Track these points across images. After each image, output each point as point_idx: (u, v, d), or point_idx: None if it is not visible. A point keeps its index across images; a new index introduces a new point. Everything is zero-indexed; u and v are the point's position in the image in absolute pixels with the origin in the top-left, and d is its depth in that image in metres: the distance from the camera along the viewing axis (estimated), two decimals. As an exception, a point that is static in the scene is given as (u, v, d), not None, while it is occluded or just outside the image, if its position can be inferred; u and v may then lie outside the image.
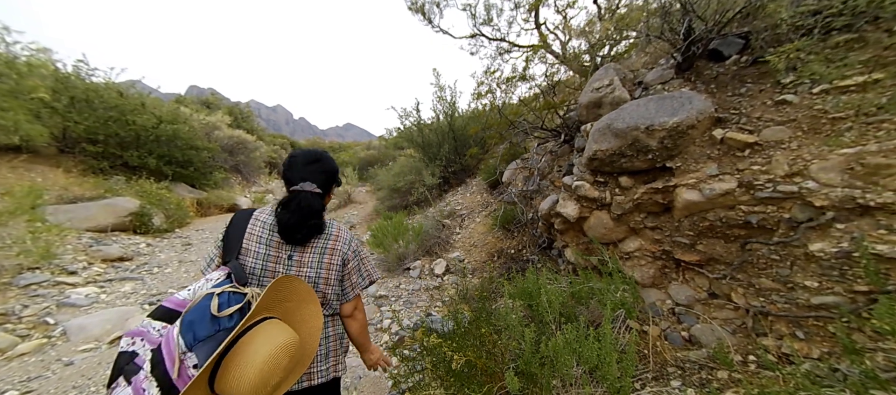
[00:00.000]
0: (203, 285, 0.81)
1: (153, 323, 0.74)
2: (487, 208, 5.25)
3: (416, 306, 3.08)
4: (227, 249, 0.92)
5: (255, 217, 0.97)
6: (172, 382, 0.64)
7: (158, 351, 0.68)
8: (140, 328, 0.74)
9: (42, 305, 2.92)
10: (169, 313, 0.76)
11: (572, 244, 2.71)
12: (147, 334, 0.73)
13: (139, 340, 0.73)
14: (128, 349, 0.72)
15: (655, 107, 1.71)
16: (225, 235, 0.95)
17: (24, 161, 5.59)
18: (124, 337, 0.74)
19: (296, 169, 0.98)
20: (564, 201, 2.45)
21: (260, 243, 0.92)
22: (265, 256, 0.92)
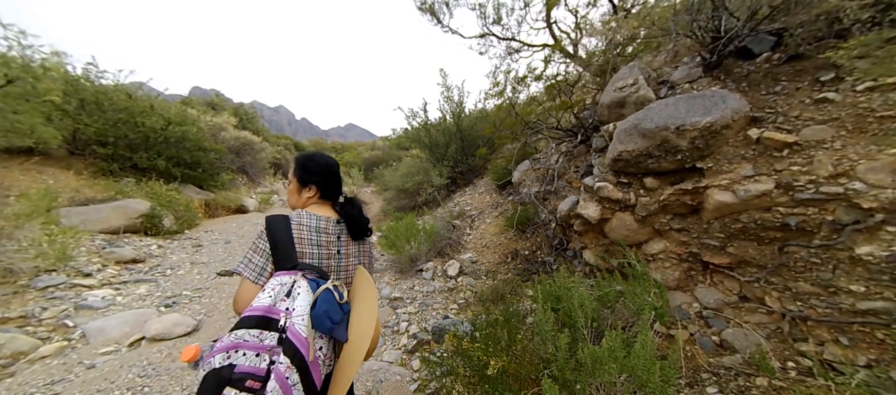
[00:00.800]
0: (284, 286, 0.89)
1: (250, 331, 0.80)
2: (498, 209, 5.22)
3: (432, 308, 3.06)
4: (283, 256, 0.96)
5: (297, 223, 1.01)
6: (308, 365, 0.80)
7: (289, 344, 0.79)
8: (231, 342, 0.79)
9: (60, 307, 2.93)
10: (263, 319, 0.82)
11: (591, 246, 2.68)
12: (243, 343, 0.79)
13: (233, 352, 0.78)
14: (224, 364, 0.76)
15: (686, 106, 1.67)
16: (272, 244, 0.97)
17: (35, 163, 5.63)
18: (216, 354, 0.78)
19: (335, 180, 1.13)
20: (585, 202, 2.42)
21: (311, 244, 1.01)
22: (318, 254, 1.02)
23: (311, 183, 1.10)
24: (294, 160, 1.15)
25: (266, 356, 0.78)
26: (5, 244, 3.27)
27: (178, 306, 3.23)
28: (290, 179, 1.16)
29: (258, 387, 0.75)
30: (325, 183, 1.10)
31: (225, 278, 4.03)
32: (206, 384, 0.75)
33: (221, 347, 0.78)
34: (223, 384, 0.73)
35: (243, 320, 0.82)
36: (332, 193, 1.13)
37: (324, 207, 1.11)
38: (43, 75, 4.71)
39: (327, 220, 1.06)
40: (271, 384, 0.75)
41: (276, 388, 0.75)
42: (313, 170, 1.10)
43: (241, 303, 0.92)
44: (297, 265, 0.95)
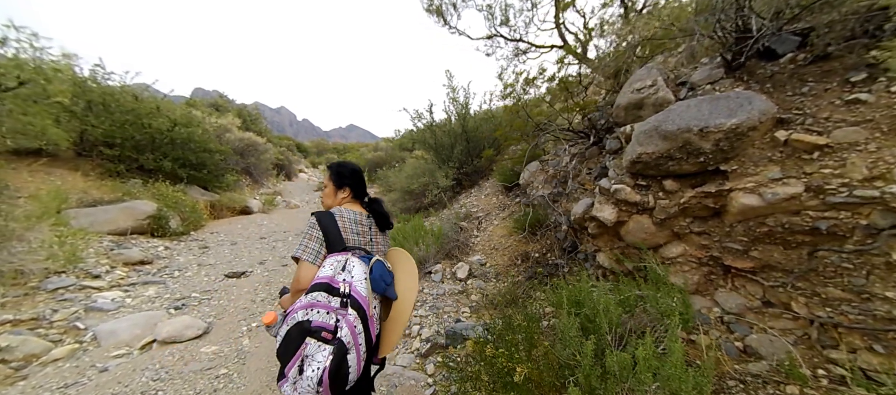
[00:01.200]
0: (339, 263, 1.12)
1: (318, 294, 1.02)
2: (505, 211, 5.20)
3: (443, 311, 3.04)
4: (334, 241, 1.20)
5: (340, 216, 1.25)
6: (368, 318, 1.03)
7: (354, 300, 1.02)
8: (309, 302, 1.02)
9: (71, 309, 2.92)
10: (328, 286, 1.04)
11: (606, 249, 2.65)
12: (317, 303, 1.01)
13: (310, 310, 1.00)
14: (304, 319, 0.98)
15: (709, 108, 1.65)
16: (324, 233, 1.20)
17: (43, 165, 5.65)
18: (297, 311, 1.01)
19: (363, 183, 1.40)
20: (601, 204, 2.39)
21: (352, 232, 1.25)
22: (357, 240, 1.26)
23: (345, 186, 1.34)
24: (328, 168, 1.40)
25: (333, 315, 0.99)
26: (16, 246, 3.27)
27: (188, 309, 3.22)
28: (326, 183, 1.39)
29: (329, 337, 0.96)
30: (355, 185, 1.36)
31: (233, 281, 4.02)
32: (291, 333, 0.98)
33: (301, 305, 1.01)
34: (305, 334, 0.96)
35: (315, 286, 1.05)
36: (361, 193, 1.38)
37: (355, 204, 1.36)
38: (54, 77, 4.73)
39: (360, 214, 1.31)
40: (343, 331, 0.97)
41: (347, 333, 0.97)
42: (347, 175, 1.35)
43: (304, 280, 1.11)
44: (347, 247, 1.20)
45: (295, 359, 0.94)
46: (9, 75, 4.00)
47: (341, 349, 0.94)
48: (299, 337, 0.96)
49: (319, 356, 0.93)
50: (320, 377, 0.90)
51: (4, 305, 2.79)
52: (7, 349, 2.24)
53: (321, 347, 0.94)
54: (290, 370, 0.94)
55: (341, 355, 0.94)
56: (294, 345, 0.96)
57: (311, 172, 19.04)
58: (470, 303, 3.17)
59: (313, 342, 0.94)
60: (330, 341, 0.95)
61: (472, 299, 3.25)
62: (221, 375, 2.23)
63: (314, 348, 0.94)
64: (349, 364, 0.96)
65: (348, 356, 0.96)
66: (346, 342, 0.96)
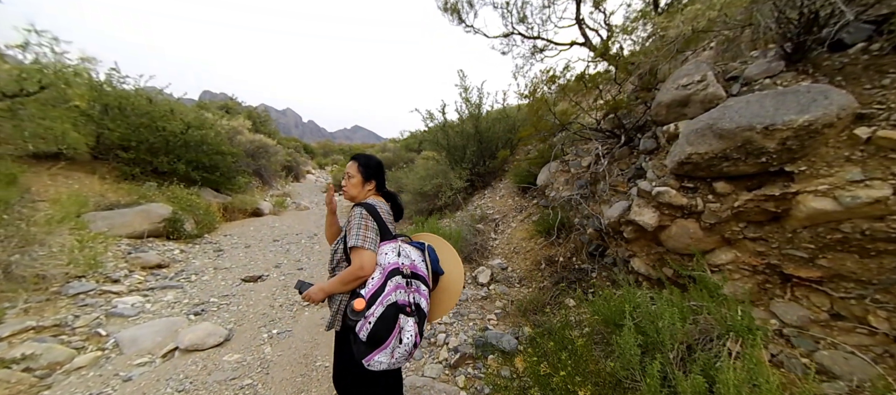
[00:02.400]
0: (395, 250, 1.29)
1: (398, 278, 1.22)
2: (522, 212, 5.08)
3: (468, 318, 2.93)
4: (384, 231, 1.33)
5: (380, 208, 1.37)
6: (430, 286, 1.30)
7: (421, 277, 1.28)
8: (395, 285, 1.20)
9: (92, 315, 2.89)
10: (398, 269, 1.23)
11: (642, 254, 2.52)
12: (400, 285, 1.21)
13: (397, 291, 1.19)
14: (394, 300, 1.18)
15: (774, 103, 1.52)
16: (377, 224, 1.32)
17: (62, 168, 5.69)
18: (390, 294, 1.18)
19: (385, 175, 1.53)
20: (640, 207, 2.26)
21: (389, 223, 1.40)
22: (393, 229, 1.42)
23: (372, 178, 1.46)
24: (354, 159, 1.49)
25: (408, 293, 1.21)
26: (37, 250, 3.27)
27: (207, 314, 3.17)
28: (352, 174, 1.46)
29: (410, 311, 1.19)
30: (381, 178, 1.49)
31: (250, 285, 3.97)
32: (388, 312, 1.16)
33: (391, 289, 1.19)
34: (399, 311, 1.17)
35: (392, 271, 1.22)
36: (383, 185, 1.52)
37: (379, 197, 1.47)
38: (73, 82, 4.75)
39: (387, 205, 1.46)
40: (423, 303, 1.23)
41: (426, 304, 1.25)
42: (374, 167, 1.46)
43: (369, 266, 1.23)
44: (394, 235, 1.38)
45: (395, 332, 1.15)
46: (31, 80, 4.01)
47: (422, 317, 1.22)
48: (396, 314, 1.16)
49: (408, 327, 1.17)
50: (415, 341, 1.17)
51: (28, 311, 2.77)
52: (32, 358, 2.21)
53: (407, 319, 1.18)
54: (392, 341, 1.14)
55: (423, 322, 1.22)
56: (393, 321, 1.15)
57: (318, 173, 19.11)
58: (495, 309, 3.06)
59: (403, 316, 1.17)
60: (411, 313, 1.19)
61: (496, 305, 3.14)
62: (246, 385, 2.16)
63: (404, 321, 1.17)
64: (424, 329, 1.25)
65: (424, 322, 1.24)
66: (425, 311, 1.24)
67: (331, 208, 1.55)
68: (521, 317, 2.81)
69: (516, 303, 3.01)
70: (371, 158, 1.48)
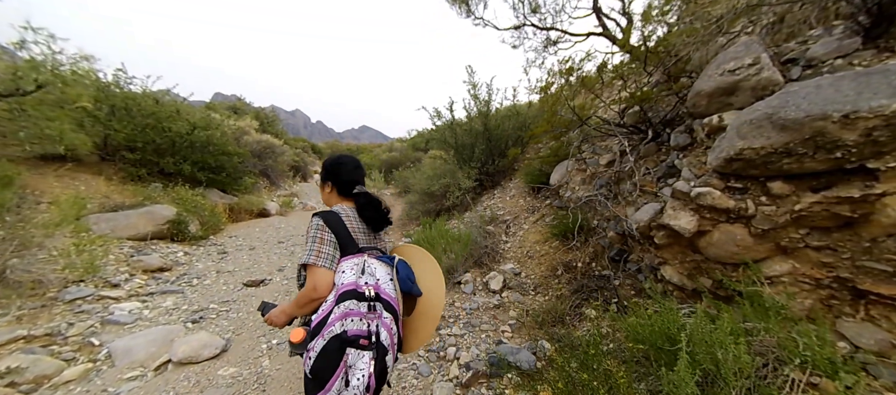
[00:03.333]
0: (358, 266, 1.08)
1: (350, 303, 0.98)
2: (535, 214, 4.83)
3: (480, 329, 2.72)
4: (346, 244, 1.13)
5: (345, 215, 1.18)
6: (397, 312, 1.06)
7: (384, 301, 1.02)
8: (344, 311, 0.97)
9: (87, 323, 2.78)
10: (354, 291, 1.01)
11: (675, 262, 2.26)
12: (351, 311, 0.97)
13: (345, 320, 0.96)
14: (341, 330, 0.94)
15: (854, 86, 1.26)
16: (336, 236, 1.11)
17: (68, 170, 5.68)
18: (333, 324, 0.95)
19: (350, 174, 1.25)
20: (675, 210, 2.01)
21: (358, 232, 1.18)
22: (366, 240, 1.21)
23: (327, 180, 1.28)
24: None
25: (366, 321, 0.97)
26: (36, 254, 3.18)
27: (205, 322, 3.03)
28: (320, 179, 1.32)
29: (367, 343, 0.94)
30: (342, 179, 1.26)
31: (252, 290, 3.83)
32: (330, 346, 0.92)
33: (336, 317, 0.96)
34: (345, 345, 0.92)
35: (344, 294, 1.00)
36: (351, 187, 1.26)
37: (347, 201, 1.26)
38: (73, 81, 4.69)
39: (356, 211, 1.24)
40: (384, 334, 0.98)
41: (386, 336, 0.98)
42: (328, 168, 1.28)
43: (323, 287, 1.03)
44: (361, 249, 1.15)
45: (339, 371, 0.91)
46: (27, 79, 3.94)
47: (382, 352, 0.96)
48: (340, 349, 0.92)
49: (361, 364, 0.92)
50: (367, 384, 0.91)
51: (21, 318, 2.66)
52: (17, 371, 2.08)
53: (361, 354, 0.93)
54: (335, 384, 0.90)
55: (382, 358, 0.96)
56: (336, 358, 0.92)
57: (326, 173, 19.09)
58: (509, 319, 2.84)
59: (353, 351, 0.93)
60: (367, 346, 0.95)
61: (510, 314, 2.91)
62: (240, 404, 1.99)
63: (355, 356, 0.93)
64: (387, 365, 0.98)
65: (387, 357, 0.98)
66: (386, 345, 0.98)
67: None
68: (538, 329, 2.58)
69: (532, 313, 2.78)
70: (329, 158, 1.28)
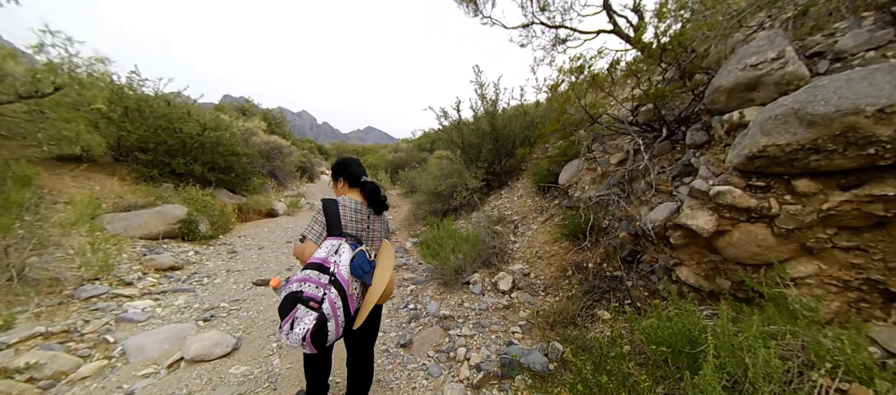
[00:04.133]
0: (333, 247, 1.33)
1: (314, 271, 1.26)
2: (543, 214, 4.78)
3: (490, 330, 2.69)
4: (332, 226, 1.40)
5: (341, 205, 1.45)
6: (347, 296, 1.27)
7: (337, 281, 1.26)
8: (303, 276, 1.26)
9: (102, 320, 2.82)
10: (321, 265, 1.28)
11: (691, 263, 2.20)
12: (309, 278, 1.25)
13: (303, 283, 1.24)
14: (299, 289, 1.23)
15: (890, 80, 1.20)
16: (326, 218, 1.41)
17: (84, 171, 5.81)
18: (293, 284, 1.25)
19: (356, 169, 1.57)
20: (692, 209, 1.96)
21: (352, 220, 1.45)
22: (357, 227, 1.46)
23: (338, 177, 1.58)
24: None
25: (322, 289, 1.23)
26: (53, 252, 3.25)
27: (216, 320, 3.05)
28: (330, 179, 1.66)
29: (316, 307, 1.21)
30: (346, 175, 1.56)
31: (261, 289, 3.86)
32: (286, 300, 1.23)
33: (296, 278, 1.25)
34: (296, 301, 1.21)
35: (310, 264, 1.28)
36: (354, 180, 1.55)
37: (354, 192, 1.55)
38: (90, 83, 4.79)
39: (359, 202, 1.50)
40: (325, 305, 1.21)
41: (328, 306, 1.21)
42: (336, 168, 1.59)
43: (306, 255, 1.34)
44: (342, 233, 1.40)
45: (288, 319, 1.21)
46: (44, 81, 4.04)
47: (322, 318, 1.20)
48: (292, 303, 1.22)
49: (307, 319, 1.19)
50: (304, 334, 1.18)
51: (39, 315, 2.72)
52: (36, 367, 2.12)
53: (308, 312, 1.20)
54: (285, 326, 1.21)
55: (322, 322, 1.19)
56: (288, 308, 1.22)
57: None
58: (520, 320, 2.80)
59: (303, 308, 1.21)
60: (316, 309, 1.21)
61: (520, 315, 2.87)
62: (252, 402, 2.00)
63: (303, 312, 1.20)
64: (328, 329, 1.21)
65: (328, 323, 1.21)
66: (327, 313, 1.21)
67: None
68: (549, 330, 2.54)
69: (543, 314, 2.74)
70: (337, 161, 1.60)
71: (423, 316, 3.02)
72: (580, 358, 1.41)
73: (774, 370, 1.02)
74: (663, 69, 2.56)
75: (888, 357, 1.47)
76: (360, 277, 1.33)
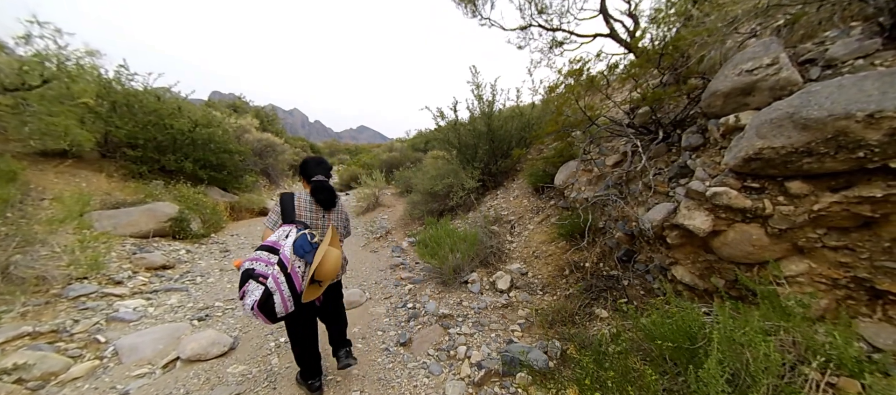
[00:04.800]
0: (285, 232, 1.59)
1: (264, 252, 1.53)
2: (539, 214, 4.83)
3: (489, 328, 2.71)
4: (285, 214, 1.68)
5: (297, 197, 1.73)
6: (290, 273, 1.48)
7: (282, 262, 1.49)
8: (255, 256, 1.52)
9: (92, 320, 2.74)
10: (271, 247, 1.54)
11: (686, 262, 2.26)
12: (259, 257, 1.52)
13: (255, 262, 1.50)
14: (251, 267, 1.49)
15: (878, 86, 1.27)
16: (282, 208, 1.69)
17: (69, 166, 5.62)
18: (246, 262, 1.52)
19: (312, 168, 1.81)
20: (689, 210, 2.02)
21: (306, 210, 1.72)
22: (312, 217, 1.74)
23: (299, 174, 1.88)
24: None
25: (270, 268, 1.48)
26: (39, 250, 3.14)
27: (212, 319, 3.00)
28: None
29: (264, 281, 1.45)
30: (306, 172, 1.84)
31: (257, 288, 3.80)
32: (242, 276, 1.50)
33: (250, 258, 1.52)
34: (247, 277, 1.48)
35: (262, 246, 1.55)
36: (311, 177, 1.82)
37: (307, 186, 1.84)
38: (78, 77, 4.65)
39: (310, 195, 1.77)
40: (270, 281, 1.44)
41: (272, 283, 1.44)
42: (302, 166, 1.86)
43: (263, 239, 1.63)
44: (294, 221, 1.66)
45: (241, 291, 1.47)
46: (32, 73, 3.90)
47: (267, 292, 1.42)
48: (244, 279, 1.48)
49: (256, 292, 1.43)
50: (252, 305, 1.42)
51: (25, 315, 2.63)
52: (24, 368, 2.05)
53: (257, 286, 1.44)
54: (240, 298, 1.47)
55: (267, 295, 1.42)
56: (242, 283, 1.48)
57: (326, 173, 19.00)
58: (518, 319, 2.83)
59: (254, 283, 1.45)
60: (264, 284, 1.44)
61: (519, 314, 2.91)
62: (252, 402, 1.97)
63: (253, 287, 1.45)
64: (274, 302, 1.44)
65: (274, 296, 1.43)
66: (271, 288, 1.43)
67: None
68: (548, 328, 2.58)
69: (541, 312, 2.78)
70: (301, 160, 1.88)
71: (422, 315, 3.02)
72: (584, 354, 1.44)
73: (773, 364, 1.07)
74: (661, 73, 2.63)
75: (874, 352, 1.54)
76: (302, 256, 1.52)
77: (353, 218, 8.38)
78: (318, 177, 1.77)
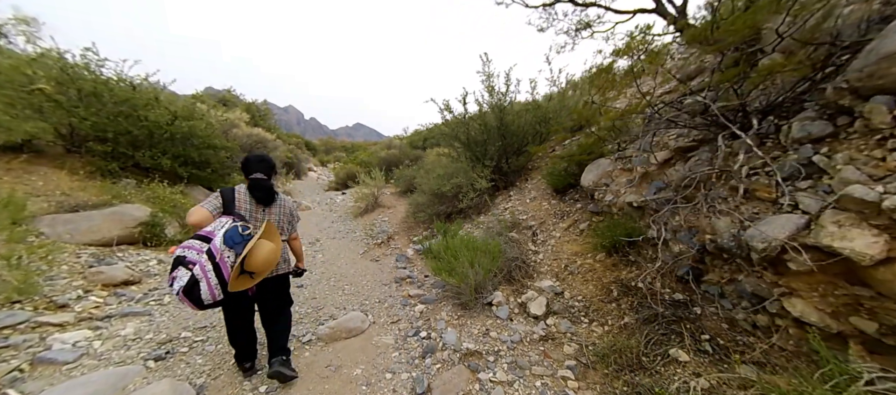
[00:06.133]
0: (221, 223, 1.64)
1: (195, 241, 1.58)
2: (565, 219, 4.24)
3: (531, 373, 2.10)
4: (226, 207, 1.78)
5: (237, 191, 1.84)
6: (218, 263, 1.52)
7: (210, 251, 1.53)
8: (187, 244, 1.57)
9: (10, 364, 2.08)
10: (205, 236, 1.58)
11: (812, 295, 1.68)
12: (191, 245, 1.57)
13: (187, 249, 1.55)
14: (182, 254, 1.55)
15: None
16: (223, 201, 1.79)
17: (23, 162, 4.90)
18: (179, 249, 1.57)
19: (253, 166, 1.90)
20: (843, 227, 1.42)
21: (246, 204, 1.84)
22: (251, 211, 1.85)
23: (243, 170, 1.94)
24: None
25: (200, 255, 1.53)
26: (-45, 268, 2.46)
27: (173, 358, 2.36)
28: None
29: (192, 268, 1.50)
30: (245, 169, 1.91)
31: (236, 310, 3.15)
32: (174, 262, 1.55)
33: (183, 245, 1.57)
34: (177, 263, 1.54)
35: (196, 235, 1.61)
36: (249, 174, 1.89)
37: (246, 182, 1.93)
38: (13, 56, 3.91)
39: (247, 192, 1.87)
40: (197, 268, 1.50)
41: (199, 270, 1.50)
42: (243, 163, 1.94)
43: (193, 219, 1.70)
44: (233, 213, 1.75)
45: (170, 277, 1.53)
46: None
47: (193, 278, 1.48)
48: (175, 265, 1.54)
49: (184, 279, 1.49)
50: (179, 289, 1.48)
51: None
52: None
53: (185, 273, 1.50)
54: (169, 282, 1.53)
55: (193, 281, 1.48)
56: (172, 268, 1.54)
57: (321, 170, 18.28)
58: (566, 358, 2.23)
59: (183, 269, 1.51)
60: (192, 271, 1.49)
61: (566, 351, 2.30)
62: None
63: (182, 273, 1.50)
64: (201, 289, 1.49)
65: (200, 284, 1.49)
66: (197, 275, 1.49)
67: None
68: (612, 377, 1.98)
69: (594, 350, 2.18)
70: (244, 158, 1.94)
71: (440, 349, 2.41)
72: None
73: None
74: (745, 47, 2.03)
75: None
76: (232, 246, 1.55)
77: (350, 220, 7.72)
78: (256, 174, 1.85)
